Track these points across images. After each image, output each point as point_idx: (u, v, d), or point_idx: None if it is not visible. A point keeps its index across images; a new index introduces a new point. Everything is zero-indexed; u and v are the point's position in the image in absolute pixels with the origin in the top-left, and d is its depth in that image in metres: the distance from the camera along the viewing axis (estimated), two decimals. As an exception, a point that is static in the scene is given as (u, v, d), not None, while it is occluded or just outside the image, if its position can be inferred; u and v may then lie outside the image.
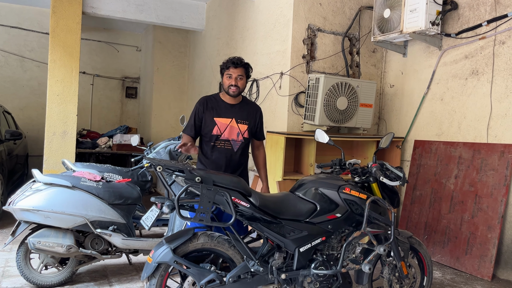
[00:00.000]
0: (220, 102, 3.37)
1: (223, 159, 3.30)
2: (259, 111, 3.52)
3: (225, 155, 3.31)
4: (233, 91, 3.29)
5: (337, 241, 2.89)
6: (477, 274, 4.34)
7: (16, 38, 9.25)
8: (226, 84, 3.31)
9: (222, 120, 3.31)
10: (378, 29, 5.20)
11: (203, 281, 2.54)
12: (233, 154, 3.33)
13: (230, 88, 3.29)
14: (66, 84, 6.13)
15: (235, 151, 3.33)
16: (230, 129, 3.32)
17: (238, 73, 3.28)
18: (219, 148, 3.30)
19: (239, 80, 3.29)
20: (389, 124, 5.85)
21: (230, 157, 3.32)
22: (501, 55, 4.49)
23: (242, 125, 3.36)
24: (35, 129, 9.07)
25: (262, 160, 3.60)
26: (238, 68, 3.28)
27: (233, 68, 3.28)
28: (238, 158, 3.37)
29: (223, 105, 3.36)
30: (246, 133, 3.37)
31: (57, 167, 5.93)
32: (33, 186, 3.46)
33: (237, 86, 3.28)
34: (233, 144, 3.33)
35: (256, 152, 3.61)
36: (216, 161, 3.30)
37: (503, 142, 4.44)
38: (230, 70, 3.28)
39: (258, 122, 3.48)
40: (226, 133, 3.31)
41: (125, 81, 10.61)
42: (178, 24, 7.78)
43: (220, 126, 3.31)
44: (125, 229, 3.62)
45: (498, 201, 4.34)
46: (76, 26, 6.19)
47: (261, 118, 3.52)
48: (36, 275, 3.53)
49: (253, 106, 3.52)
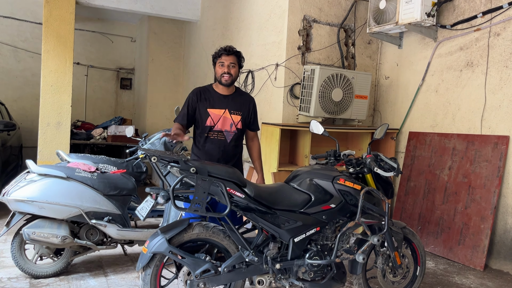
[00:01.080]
0: (213, 93, 3.35)
1: (216, 150, 3.29)
2: (253, 102, 3.50)
3: (218, 146, 3.30)
4: (226, 79, 3.26)
5: (331, 231, 2.91)
6: (470, 264, 4.38)
7: (9, 28, 9.15)
8: (218, 73, 3.29)
9: (215, 111, 3.29)
10: (374, 21, 5.19)
11: (198, 271, 2.56)
12: (226, 145, 3.32)
13: (222, 76, 3.26)
14: (60, 75, 6.08)
15: (229, 142, 3.32)
16: (223, 120, 3.30)
17: (230, 61, 3.26)
18: (212, 139, 3.29)
19: (232, 68, 3.26)
20: (384, 116, 5.87)
21: (224, 148, 3.31)
22: (496, 47, 4.50)
23: (236, 116, 3.34)
24: (29, 120, 9.02)
25: (257, 152, 3.59)
26: (230, 56, 3.26)
27: (225, 55, 3.25)
28: (232, 149, 3.36)
29: (216, 96, 3.33)
30: (239, 124, 3.36)
31: (51, 158, 5.90)
32: (28, 177, 3.45)
33: (230, 74, 3.25)
34: (226, 135, 3.31)
35: (250, 143, 3.60)
36: (209, 152, 3.29)
37: (497, 133, 4.47)
38: (222, 58, 3.26)
39: (252, 113, 3.47)
40: (219, 124, 3.29)
41: (120, 72, 10.55)
42: (173, 14, 7.72)
43: (214, 117, 3.29)
44: (120, 220, 3.62)
45: (491, 192, 4.38)
46: (69, 16, 6.13)
47: (254, 109, 3.51)
48: (31, 266, 3.54)
49: (246, 96, 3.51)
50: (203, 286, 2.58)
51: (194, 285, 2.57)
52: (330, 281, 2.91)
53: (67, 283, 3.50)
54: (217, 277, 2.61)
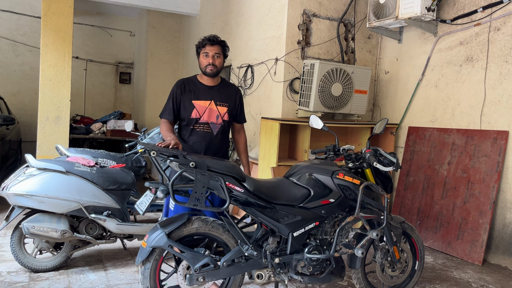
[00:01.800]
0: (198, 84, 3.26)
1: (203, 142, 3.21)
2: (239, 93, 3.40)
3: (204, 138, 3.21)
4: (211, 69, 3.16)
5: (330, 226, 2.92)
6: (468, 259, 4.40)
7: (8, 22, 9.11)
8: (203, 64, 3.19)
9: (201, 103, 3.20)
10: (374, 15, 5.17)
11: (197, 265, 2.56)
12: (212, 137, 3.23)
13: (207, 67, 3.17)
14: (58, 69, 6.06)
15: (215, 135, 3.24)
16: (209, 112, 3.21)
17: (215, 51, 3.16)
18: (198, 132, 3.20)
19: (216, 58, 3.17)
20: (383, 111, 5.86)
21: (210, 141, 3.22)
22: (496, 42, 4.49)
23: (222, 108, 3.25)
24: (28, 114, 9.00)
25: (243, 145, 3.51)
26: (215, 46, 3.16)
27: (209, 45, 3.15)
28: (218, 142, 3.27)
29: (201, 87, 3.25)
30: (226, 116, 3.27)
31: (50, 153, 5.89)
32: (27, 171, 3.45)
33: (215, 64, 3.16)
34: (212, 127, 3.23)
35: (236, 136, 3.50)
36: (195, 145, 3.21)
37: (496, 128, 4.47)
38: (206, 48, 3.16)
39: (238, 104, 3.38)
40: (205, 116, 3.20)
41: (119, 67, 10.52)
42: (172, 8, 7.68)
43: (199, 109, 3.20)
44: (120, 214, 3.62)
45: (490, 187, 4.38)
46: (68, 10, 6.09)
47: (241, 100, 3.41)
48: (31, 260, 3.55)
49: (232, 88, 3.41)
50: (202, 280, 2.58)
51: (193, 279, 2.57)
52: (329, 276, 2.92)
53: (67, 277, 3.51)
54: (216, 271, 2.62)
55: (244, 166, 3.51)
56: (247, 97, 6.14)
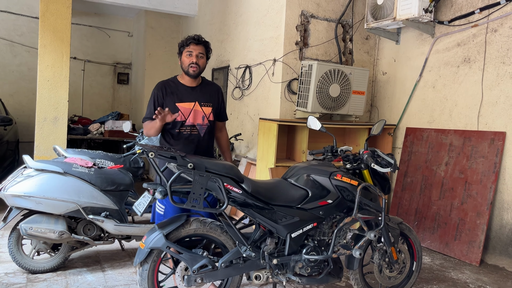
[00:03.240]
0: (179, 86, 3.17)
1: (191, 145, 3.12)
2: (220, 91, 3.35)
3: (191, 141, 3.13)
4: (194, 69, 3.09)
5: (328, 227, 2.92)
6: (466, 259, 4.41)
7: (5, 23, 9.09)
8: (186, 63, 3.11)
9: (185, 105, 3.12)
10: (372, 16, 5.18)
11: (195, 266, 2.56)
12: (200, 139, 3.16)
13: (190, 66, 3.08)
14: (56, 70, 6.05)
15: (202, 136, 3.17)
16: (195, 114, 3.13)
17: (199, 51, 3.09)
18: (185, 135, 3.12)
19: (200, 58, 3.10)
20: (381, 112, 5.88)
21: (198, 143, 3.15)
22: (493, 43, 4.50)
23: (206, 108, 3.18)
24: (25, 115, 8.97)
25: (226, 143, 3.47)
26: (199, 46, 3.10)
27: (194, 45, 3.09)
28: (206, 143, 3.20)
29: (183, 88, 3.16)
30: (211, 116, 3.20)
31: (48, 154, 5.88)
32: (24, 172, 3.44)
33: (198, 64, 3.09)
34: (199, 129, 3.15)
35: (218, 134, 3.44)
36: (183, 149, 3.05)
37: (494, 129, 4.49)
38: (190, 47, 3.08)
39: (221, 102, 3.33)
40: (190, 118, 3.12)
41: (117, 67, 10.51)
42: (170, 9, 7.67)
43: (184, 111, 3.10)
44: (118, 215, 3.62)
45: (487, 188, 4.39)
46: (66, 10, 6.09)
47: (223, 98, 3.35)
48: (29, 261, 3.54)
49: (213, 86, 3.34)
50: (200, 281, 2.59)
51: (191, 280, 2.57)
52: (327, 277, 2.93)
53: (64, 278, 3.50)
54: (214, 272, 2.62)
55: None
56: (245, 98, 6.15)
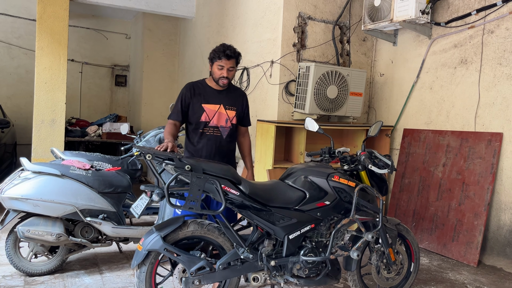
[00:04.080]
0: (207, 88, 3.33)
1: (212, 146, 3.27)
2: (245, 97, 3.50)
3: (214, 142, 3.27)
4: (224, 82, 3.25)
5: (326, 228, 2.93)
6: (464, 260, 4.42)
7: (3, 25, 9.09)
8: (216, 75, 3.25)
9: (210, 107, 3.27)
10: (369, 18, 5.20)
11: (193, 268, 2.56)
12: (222, 140, 3.30)
13: (220, 79, 3.24)
14: (54, 72, 6.05)
15: (224, 138, 3.31)
16: (219, 116, 3.29)
17: (230, 65, 3.22)
18: (208, 135, 3.27)
19: (230, 72, 3.25)
20: (378, 113, 5.89)
21: (219, 144, 3.29)
22: (490, 44, 4.52)
23: (230, 111, 3.33)
24: (23, 117, 8.96)
25: (247, 148, 3.57)
26: (231, 60, 3.22)
27: (225, 60, 3.19)
28: (227, 145, 3.34)
29: (210, 91, 3.31)
30: (234, 119, 3.35)
31: (46, 156, 5.88)
32: (22, 175, 3.44)
33: (228, 78, 3.24)
34: (222, 131, 3.30)
35: (241, 139, 3.57)
36: (204, 149, 3.26)
37: (491, 130, 4.50)
38: (222, 61, 3.19)
39: (245, 107, 3.47)
40: (214, 120, 3.28)
41: (115, 69, 10.51)
42: (168, 11, 7.69)
43: (209, 112, 3.27)
44: (115, 218, 3.62)
45: (484, 189, 4.40)
46: (63, 13, 6.09)
47: (247, 103, 3.50)
48: (26, 264, 3.53)
49: (239, 91, 3.50)
50: (198, 283, 2.59)
51: (189, 282, 2.57)
52: (324, 278, 2.93)
53: (62, 281, 3.50)
54: (212, 274, 2.62)
55: (248, 169, 3.55)
56: (243, 99, 6.15)
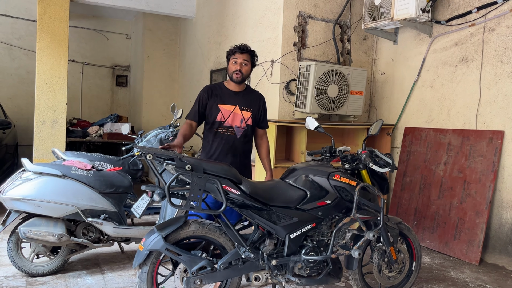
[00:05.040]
0: (224, 89, 3.41)
1: (226, 145, 3.33)
2: (263, 99, 3.55)
3: (227, 141, 3.33)
4: (237, 76, 3.32)
5: (327, 227, 2.92)
6: (465, 259, 4.41)
7: (3, 26, 9.10)
8: (231, 70, 3.35)
9: (226, 107, 3.34)
10: (369, 16, 5.19)
11: (194, 268, 2.56)
12: (236, 140, 3.35)
13: (234, 73, 3.32)
14: (54, 73, 6.06)
15: (238, 138, 3.36)
16: (234, 116, 3.35)
17: (244, 58, 3.31)
18: (222, 135, 3.33)
19: (244, 66, 3.32)
20: (379, 112, 5.88)
21: (233, 144, 3.34)
22: (491, 42, 4.51)
23: (246, 112, 3.39)
24: (24, 118, 8.98)
25: (265, 150, 3.60)
26: (244, 54, 3.32)
27: (239, 53, 3.31)
28: (241, 145, 3.38)
29: (227, 92, 3.40)
30: (249, 120, 3.39)
31: (47, 157, 5.88)
32: (23, 176, 3.44)
33: (241, 71, 3.31)
34: (236, 131, 3.36)
35: (259, 141, 3.61)
36: (219, 148, 3.33)
37: (492, 128, 4.49)
38: (236, 55, 3.31)
39: (262, 110, 3.50)
40: (229, 120, 3.34)
41: (115, 69, 10.52)
42: (168, 11, 7.69)
43: (224, 112, 3.34)
44: (117, 218, 3.62)
45: (486, 187, 4.40)
46: (64, 13, 6.10)
47: (264, 106, 3.54)
48: (28, 264, 3.54)
49: (256, 94, 3.55)
50: (199, 283, 2.59)
51: (191, 282, 2.57)
52: (326, 277, 2.93)
53: (64, 281, 3.50)
54: (213, 274, 2.62)
55: (267, 171, 3.57)
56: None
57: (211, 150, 3.35)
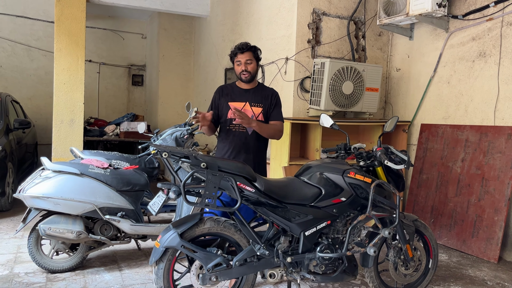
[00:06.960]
0: (235, 88, 3.43)
1: (238, 142, 3.33)
2: (275, 94, 3.48)
3: (239, 138, 3.33)
4: (245, 76, 3.32)
5: (342, 224, 2.92)
6: (484, 257, 4.35)
7: (22, 28, 9.27)
8: (237, 71, 3.35)
9: (236, 104, 3.35)
10: (384, 12, 5.14)
11: (210, 265, 2.58)
12: (247, 136, 3.34)
13: (242, 74, 3.32)
14: (72, 73, 6.16)
15: (250, 134, 3.34)
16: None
17: (246, 58, 3.30)
18: (234, 132, 3.34)
19: (248, 64, 3.31)
20: (395, 108, 5.83)
21: (245, 140, 3.33)
22: (509, 37, 4.43)
23: (256, 108, 3.37)
24: (43, 118, 9.15)
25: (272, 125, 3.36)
26: (245, 53, 3.30)
27: (240, 54, 3.30)
28: (253, 141, 3.35)
29: (237, 90, 3.41)
30: (260, 116, 3.37)
31: (65, 155, 5.99)
32: (43, 174, 3.52)
33: (248, 71, 3.31)
34: (247, 127, 3.33)
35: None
36: (231, 145, 3.33)
37: (510, 124, 4.41)
38: (238, 57, 3.31)
39: (274, 103, 3.43)
40: None
41: (131, 69, 10.62)
42: (183, 10, 7.73)
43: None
44: (133, 215, 3.67)
45: (505, 184, 4.33)
46: (81, 14, 6.19)
47: (277, 100, 3.44)
48: (48, 261, 3.61)
49: (268, 90, 3.51)
50: (215, 279, 2.61)
51: (206, 278, 2.60)
52: (341, 274, 2.92)
53: (83, 278, 3.57)
54: (229, 270, 2.64)
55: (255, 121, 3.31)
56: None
57: (224, 147, 3.36)
